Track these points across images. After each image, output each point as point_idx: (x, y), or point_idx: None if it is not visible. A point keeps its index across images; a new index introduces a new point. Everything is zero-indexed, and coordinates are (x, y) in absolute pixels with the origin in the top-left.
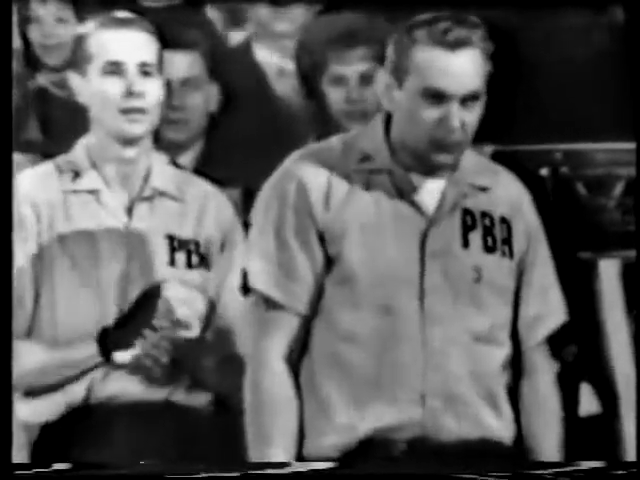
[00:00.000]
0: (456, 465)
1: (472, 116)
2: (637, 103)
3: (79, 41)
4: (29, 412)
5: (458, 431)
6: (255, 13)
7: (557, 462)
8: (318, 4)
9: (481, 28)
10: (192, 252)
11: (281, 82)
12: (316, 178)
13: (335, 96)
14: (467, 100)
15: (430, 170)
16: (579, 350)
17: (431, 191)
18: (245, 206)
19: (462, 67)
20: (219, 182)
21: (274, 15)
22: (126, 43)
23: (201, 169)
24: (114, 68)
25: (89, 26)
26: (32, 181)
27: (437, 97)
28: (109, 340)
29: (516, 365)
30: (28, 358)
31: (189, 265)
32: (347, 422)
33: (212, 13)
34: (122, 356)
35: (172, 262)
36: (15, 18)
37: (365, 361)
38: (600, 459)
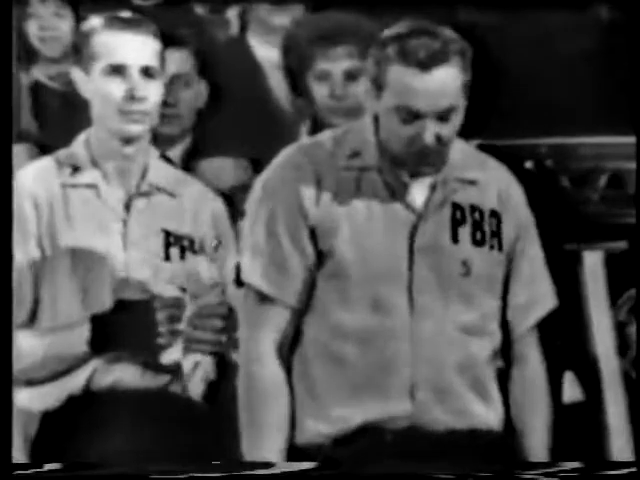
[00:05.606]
0: (446, 457)
1: (449, 128)
2: (636, 98)
3: (84, 38)
4: (29, 399)
5: (448, 423)
6: (253, 8)
7: (544, 462)
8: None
9: (456, 40)
10: (186, 248)
11: (277, 76)
12: (306, 174)
13: (320, 92)
14: (443, 115)
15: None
16: (563, 339)
17: (420, 186)
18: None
19: (436, 86)
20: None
21: (272, 9)
22: (131, 46)
23: (191, 163)
24: (118, 70)
25: (95, 24)
26: (32, 176)
27: (411, 115)
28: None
29: (506, 353)
30: (27, 349)
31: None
32: (338, 414)
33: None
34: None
35: (167, 257)
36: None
37: (356, 354)
38: (586, 454)
